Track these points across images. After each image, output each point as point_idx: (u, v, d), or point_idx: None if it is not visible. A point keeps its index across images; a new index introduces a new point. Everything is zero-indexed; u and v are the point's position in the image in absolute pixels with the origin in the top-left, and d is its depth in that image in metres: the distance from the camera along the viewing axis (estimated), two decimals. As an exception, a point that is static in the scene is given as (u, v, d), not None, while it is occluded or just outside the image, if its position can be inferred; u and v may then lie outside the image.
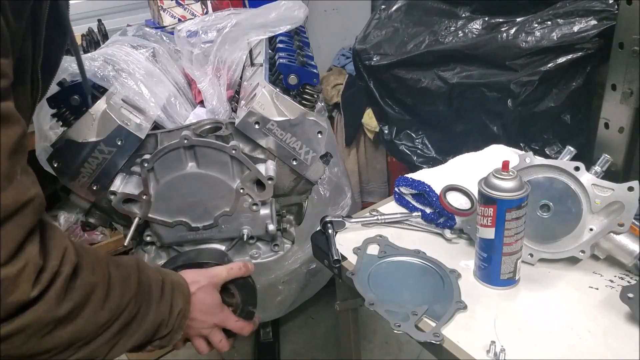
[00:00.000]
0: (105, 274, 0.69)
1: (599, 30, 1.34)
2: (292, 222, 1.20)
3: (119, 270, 0.72)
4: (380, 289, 0.98)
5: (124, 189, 1.03)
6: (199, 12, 2.03)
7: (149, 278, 0.77)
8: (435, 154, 1.77)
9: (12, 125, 0.57)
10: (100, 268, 0.68)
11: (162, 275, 0.81)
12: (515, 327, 0.88)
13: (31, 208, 0.58)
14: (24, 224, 0.57)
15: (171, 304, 0.79)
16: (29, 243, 0.58)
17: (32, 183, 0.60)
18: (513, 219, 0.90)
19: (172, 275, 0.84)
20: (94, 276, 0.66)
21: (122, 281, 0.71)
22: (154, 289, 0.77)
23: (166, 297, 0.79)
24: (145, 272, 0.77)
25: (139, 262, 0.78)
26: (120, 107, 1.00)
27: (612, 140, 1.35)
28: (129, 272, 0.74)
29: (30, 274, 0.57)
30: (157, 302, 0.77)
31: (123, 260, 0.76)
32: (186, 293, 0.84)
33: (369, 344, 2.21)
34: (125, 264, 0.75)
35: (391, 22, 1.80)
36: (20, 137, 0.58)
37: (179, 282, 0.84)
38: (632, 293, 0.85)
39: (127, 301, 0.71)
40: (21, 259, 0.56)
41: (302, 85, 1.06)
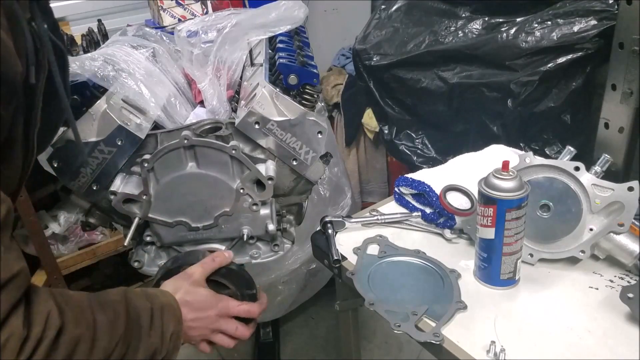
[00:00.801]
0: (90, 324, 0.69)
1: (599, 30, 1.34)
2: (292, 222, 1.20)
3: (105, 313, 0.72)
4: (380, 289, 0.98)
5: (124, 189, 1.03)
6: (199, 12, 2.03)
7: (136, 309, 0.77)
8: (435, 154, 1.78)
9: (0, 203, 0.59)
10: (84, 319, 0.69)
11: (150, 301, 0.80)
12: (515, 327, 0.88)
13: (15, 284, 0.60)
14: (8, 298, 0.59)
15: (162, 330, 0.79)
16: (12, 316, 0.59)
17: (16, 259, 0.62)
18: (513, 219, 0.90)
19: (160, 297, 0.83)
20: (79, 329, 0.67)
21: (108, 325, 0.71)
22: (143, 320, 0.77)
23: (156, 325, 0.78)
24: (132, 303, 0.77)
25: (127, 294, 0.78)
26: (120, 107, 1.00)
27: (612, 140, 1.35)
28: (116, 312, 0.74)
29: (14, 346, 0.58)
30: (147, 333, 0.77)
31: (110, 297, 0.76)
32: (177, 313, 0.83)
33: (369, 344, 2.21)
34: (112, 302, 0.75)
35: (391, 22, 1.80)
36: (6, 215, 0.59)
37: (168, 303, 0.83)
38: (632, 293, 0.85)
39: (115, 343, 0.71)
40: (5, 332, 0.58)
41: (302, 85, 1.06)
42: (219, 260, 0.97)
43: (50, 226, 2.02)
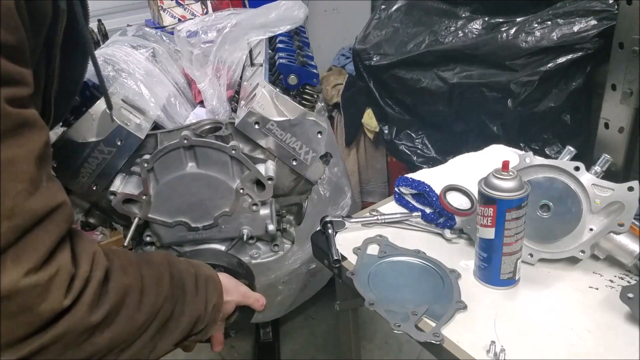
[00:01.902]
0: (137, 275, 0.67)
1: (599, 30, 1.34)
2: (292, 222, 1.20)
3: (151, 269, 0.70)
4: (380, 289, 0.98)
5: (124, 189, 1.03)
6: (199, 12, 2.03)
7: (181, 273, 0.76)
8: (435, 154, 1.77)
9: (38, 131, 0.57)
10: (132, 269, 0.67)
11: (194, 268, 0.79)
12: (515, 327, 0.88)
13: (60, 214, 0.57)
14: (54, 230, 0.56)
15: (206, 299, 0.78)
16: (59, 250, 0.57)
17: (59, 190, 0.59)
18: (513, 219, 0.90)
19: (204, 268, 0.83)
20: (127, 277, 0.65)
21: (155, 281, 0.70)
22: (188, 284, 0.76)
23: (201, 292, 0.77)
24: (176, 266, 0.76)
25: (169, 258, 0.77)
26: (120, 107, 1.00)
27: (612, 140, 1.35)
28: (161, 271, 0.72)
29: (62, 281, 0.56)
30: (193, 298, 0.76)
31: (153, 257, 0.75)
32: (219, 287, 0.83)
33: (369, 344, 2.21)
34: (156, 262, 0.74)
35: (391, 22, 1.80)
36: (45, 144, 0.57)
37: (211, 275, 0.83)
38: (632, 293, 0.85)
39: (162, 300, 0.69)
40: (53, 266, 0.55)
41: (302, 85, 1.06)
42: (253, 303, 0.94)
43: (50, 226, 2.02)
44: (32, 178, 0.54)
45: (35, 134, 0.56)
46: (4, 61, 0.52)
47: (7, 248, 0.51)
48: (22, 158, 0.54)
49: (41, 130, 0.57)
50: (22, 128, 0.54)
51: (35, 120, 0.57)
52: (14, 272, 0.52)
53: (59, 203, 0.57)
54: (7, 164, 0.52)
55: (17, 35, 0.54)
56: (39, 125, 0.57)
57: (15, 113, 0.53)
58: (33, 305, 0.54)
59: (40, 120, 0.58)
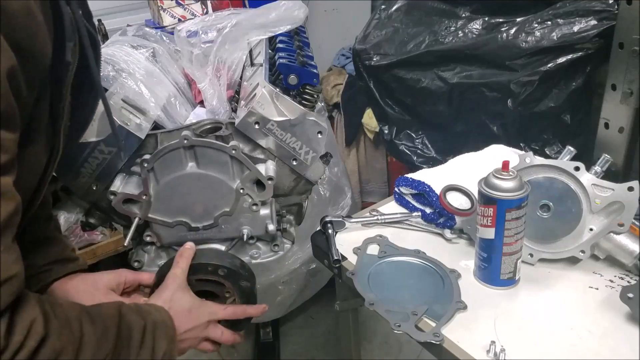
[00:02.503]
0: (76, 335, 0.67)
1: (599, 30, 1.34)
2: (292, 222, 1.20)
3: (94, 326, 0.70)
4: (380, 289, 0.98)
5: (124, 189, 1.03)
6: (199, 12, 2.03)
7: (129, 325, 0.75)
8: (435, 154, 1.77)
9: (5, 202, 0.57)
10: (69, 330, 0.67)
11: (144, 318, 0.79)
12: (515, 327, 0.88)
13: (8, 288, 0.57)
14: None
15: (153, 348, 0.77)
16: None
17: (14, 261, 0.59)
18: (513, 219, 0.90)
19: (154, 314, 0.82)
20: (60, 341, 0.64)
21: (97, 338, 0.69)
22: (135, 336, 0.75)
23: (147, 343, 0.77)
24: (126, 318, 0.76)
25: (121, 309, 0.77)
26: (120, 107, 1.00)
27: (612, 140, 1.35)
28: (107, 326, 0.72)
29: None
30: (138, 350, 0.75)
31: (103, 310, 0.75)
32: (170, 332, 0.82)
33: (369, 344, 2.21)
34: (105, 315, 0.73)
35: (391, 22, 1.80)
36: (10, 215, 0.57)
37: (162, 320, 0.82)
38: (632, 293, 0.85)
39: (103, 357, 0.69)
40: None
41: (302, 85, 1.06)
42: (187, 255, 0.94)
43: (51, 226, 2.02)
44: None
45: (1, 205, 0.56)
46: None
47: None
48: None
49: (8, 200, 0.57)
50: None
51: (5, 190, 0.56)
52: None
53: (8, 277, 0.57)
54: None
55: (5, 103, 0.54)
56: (9, 195, 0.57)
57: None
58: None
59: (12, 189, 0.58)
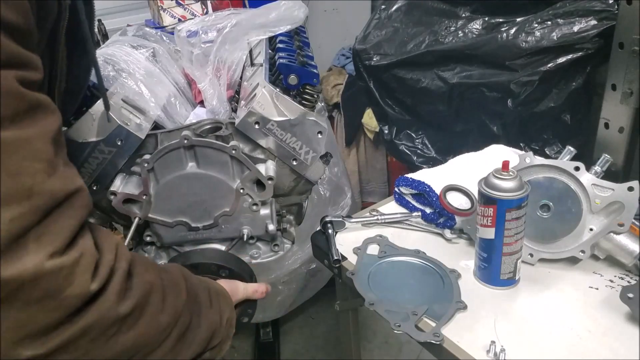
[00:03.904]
0: (158, 276, 0.65)
1: (599, 30, 1.34)
2: (292, 222, 1.20)
3: (168, 274, 0.69)
4: (380, 289, 0.98)
5: (124, 189, 1.03)
6: (199, 12, 2.03)
7: (194, 286, 0.74)
8: (435, 154, 1.78)
9: (52, 114, 0.55)
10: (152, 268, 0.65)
11: (206, 283, 0.79)
12: (515, 327, 0.88)
13: (79, 199, 0.55)
14: (74, 214, 0.54)
15: (220, 313, 0.77)
16: (81, 236, 0.54)
17: (76, 175, 0.57)
18: (513, 219, 0.90)
19: (214, 283, 0.82)
20: (149, 275, 0.63)
21: (173, 286, 0.68)
22: (202, 297, 0.74)
23: (215, 305, 0.76)
24: (190, 279, 0.74)
25: (183, 270, 0.75)
26: (120, 107, 1.00)
27: (612, 140, 1.35)
28: (177, 278, 0.71)
29: (88, 265, 0.53)
30: (208, 310, 0.74)
31: (168, 266, 0.74)
32: (230, 301, 0.82)
33: (369, 344, 2.21)
34: (172, 270, 0.72)
35: (391, 22, 1.80)
36: (59, 129, 0.55)
37: (222, 290, 0.82)
38: (632, 293, 0.85)
39: (181, 307, 0.67)
40: (76, 250, 0.52)
41: (302, 85, 1.06)
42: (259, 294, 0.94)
43: (51, 226, 2.02)
44: (50, 159, 0.52)
45: (49, 117, 0.54)
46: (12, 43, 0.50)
47: (29, 230, 0.49)
48: (39, 138, 0.52)
49: (54, 114, 0.56)
50: (37, 110, 0.52)
51: (48, 104, 0.55)
52: (38, 255, 0.49)
53: (77, 187, 0.55)
54: (24, 143, 0.50)
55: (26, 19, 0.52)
56: (52, 108, 0.55)
57: (29, 94, 0.51)
58: (60, 289, 0.50)
59: (53, 104, 0.56)
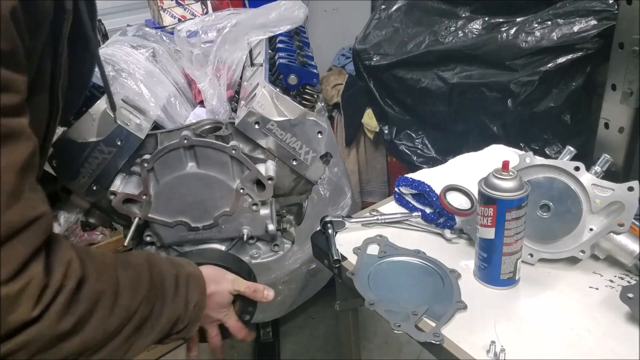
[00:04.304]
0: (112, 279, 0.68)
1: (599, 30, 1.34)
2: (292, 222, 1.20)
3: (128, 271, 0.71)
4: (380, 289, 0.98)
5: (124, 189, 1.03)
6: (199, 12, 2.03)
7: (161, 273, 0.76)
8: (435, 154, 1.77)
9: (24, 141, 0.57)
10: (106, 274, 0.67)
11: (175, 268, 0.80)
12: (515, 327, 0.88)
13: (39, 226, 0.58)
14: (30, 242, 0.57)
15: (186, 298, 0.78)
16: (33, 261, 0.57)
17: (41, 201, 0.60)
18: (513, 219, 0.90)
19: (187, 266, 0.83)
20: (100, 284, 0.65)
21: (132, 283, 0.70)
22: (168, 284, 0.76)
23: (181, 292, 0.78)
24: (157, 267, 0.76)
25: (150, 258, 0.77)
26: (120, 107, 1.00)
27: (612, 140, 1.35)
28: (140, 272, 0.73)
29: (32, 293, 0.56)
30: (172, 298, 0.76)
31: (133, 258, 0.75)
32: (201, 283, 0.83)
33: (369, 344, 2.21)
34: (135, 263, 0.74)
35: (391, 22, 1.80)
36: (30, 155, 0.57)
37: (194, 273, 0.83)
38: (632, 293, 0.85)
39: (139, 303, 0.70)
40: (24, 277, 0.56)
41: (302, 85, 1.06)
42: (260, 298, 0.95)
43: (51, 226, 2.02)
44: (12, 190, 0.54)
45: (20, 144, 0.56)
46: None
47: None
48: (4, 170, 0.54)
49: (27, 140, 0.58)
50: (7, 139, 0.54)
51: (21, 130, 0.57)
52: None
53: (38, 215, 0.58)
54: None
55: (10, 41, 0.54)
56: (25, 135, 0.57)
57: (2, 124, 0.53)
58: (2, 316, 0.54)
59: (28, 130, 0.58)
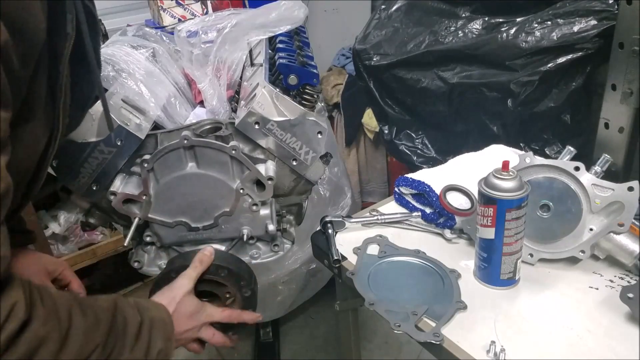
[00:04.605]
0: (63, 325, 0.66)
1: (599, 30, 1.34)
2: (292, 222, 1.20)
3: (85, 317, 0.69)
4: (380, 289, 0.98)
5: (124, 189, 1.03)
6: (199, 12, 2.03)
7: (125, 320, 0.74)
8: (435, 154, 1.78)
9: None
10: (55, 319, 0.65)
11: (140, 314, 0.78)
12: (515, 327, 0.88)
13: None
14: None
15: (148, 345, 0.76)
16: None
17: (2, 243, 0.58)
18: (513, 219, 0.90)
19: (153, 311, 0.81)
20: (45, 328, 0.63)
21: (86, 330, 0.68)
22: (130, 331, 0.74)
23: (142, 339, 0.76)
24: (122, 313, 0.74)
25: (118, 303, 0.75)
26: (120, 108, 1.00)
27: (612, 140, 1.35)
28: (99, 318, 0.71)
29: None
30: (132, 346, 0.74)
31: (97, 303, 0.73)
32: (168, 329, 0.81)
33: (369, 344, 2.21)
34: (99, 308, 0.72)
35: (391, 22, 1.80)
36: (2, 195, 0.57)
37: (160, 318, 0.81)
38: (632, 293, 0.85)
39: (91, 350, 0.68)
40: None
41: (302, 85, 1.06)
42: (206, 261, 0.96)
43: (50, 226, 2.02)
44: None
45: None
46: None
47: None
48: None
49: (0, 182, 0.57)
50: None
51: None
52: None
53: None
54: None
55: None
56: None
57: None
58: None
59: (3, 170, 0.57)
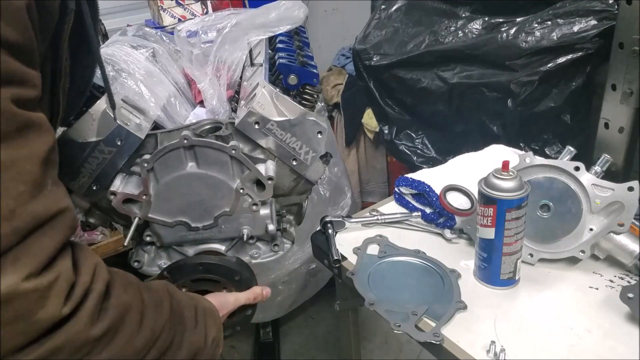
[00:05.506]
0: (138, 296, 0.64)
1: (599, 30, 1.34)
2: (292, 222, 1.20)
3: (151, 293, 0.68)
4: (380, 289, 0.98)
5: (124, 189, 1.03)
6: (199, 12, 2.03)
7: (180, 303, 0.73)
8: (435, 154, 1.78)
9: (45, 134, 0.55)
10: (132, 288, 0.64)
11: (193, 300, 0.78)
12: (515, 327, 0.88)
13: (63, 220, 0.55)
14: (56, 235, 0.54)
15: (205, 332, 0.75)
16: (60, 257, 0.54)
17: (64, 195, 0.57)
18: (513, 219, 0.90)
19: (203, 300, 0.81)
20: (127, 296, 0.62)
21: (154, 305, 0.67)
22: (187, 315, 0.73)
23: (200, 324, 0.75)
24: (176, 297, 0.73)
25: (169, 287, 0.74)
26: (120, 107, 1.00)
27: (612, 140, 1.35)
28: (161, 297, 0.70)
29: (62, 288, 0.53)
30: (192, 330, 0.73)
31: (153, 284, 0.72)
32: (217, 320, 0.81)
33: (369, 344, 2.21)
34: (156, 288, 0.71)
35: (391, 22, 1.80)
36: (51, 149, 0.56)
37: (210, 308, 0.81)
38: (632, 293, 0.85)
39: (162, 327, 0.66)
40: (53, 272, 0.52)
41: (302, 85, 1.06)
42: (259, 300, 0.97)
43: (51, 226, 2.02)
44: (36, 180, 0.53)
45: (41, 136, 0.55)
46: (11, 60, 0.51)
47: (7, 251, 0.50)
48: (26, 159, 0.52)
49: (47, 134, 0.56)
50: (28, 130, 0.53)
51: (41, 123, 0.55)
52: (14, 276, 0.49)
53: (61, 208, 0.55)
54: (9, 164, 0.50)
55: (25, 35, 0.53)
56: (45, 128, 0.56)
57: (21, 114, 0.51)
58: (31, 311, 0.51)
59: (47, 123, 0.56)
